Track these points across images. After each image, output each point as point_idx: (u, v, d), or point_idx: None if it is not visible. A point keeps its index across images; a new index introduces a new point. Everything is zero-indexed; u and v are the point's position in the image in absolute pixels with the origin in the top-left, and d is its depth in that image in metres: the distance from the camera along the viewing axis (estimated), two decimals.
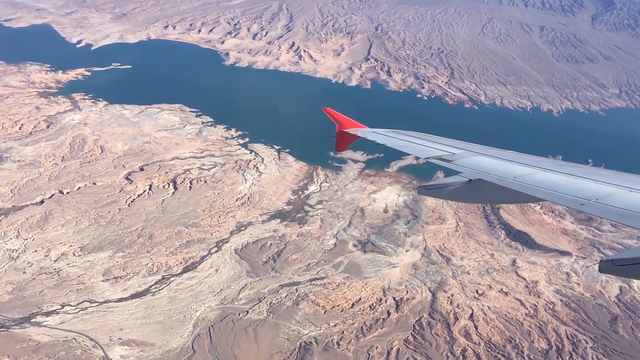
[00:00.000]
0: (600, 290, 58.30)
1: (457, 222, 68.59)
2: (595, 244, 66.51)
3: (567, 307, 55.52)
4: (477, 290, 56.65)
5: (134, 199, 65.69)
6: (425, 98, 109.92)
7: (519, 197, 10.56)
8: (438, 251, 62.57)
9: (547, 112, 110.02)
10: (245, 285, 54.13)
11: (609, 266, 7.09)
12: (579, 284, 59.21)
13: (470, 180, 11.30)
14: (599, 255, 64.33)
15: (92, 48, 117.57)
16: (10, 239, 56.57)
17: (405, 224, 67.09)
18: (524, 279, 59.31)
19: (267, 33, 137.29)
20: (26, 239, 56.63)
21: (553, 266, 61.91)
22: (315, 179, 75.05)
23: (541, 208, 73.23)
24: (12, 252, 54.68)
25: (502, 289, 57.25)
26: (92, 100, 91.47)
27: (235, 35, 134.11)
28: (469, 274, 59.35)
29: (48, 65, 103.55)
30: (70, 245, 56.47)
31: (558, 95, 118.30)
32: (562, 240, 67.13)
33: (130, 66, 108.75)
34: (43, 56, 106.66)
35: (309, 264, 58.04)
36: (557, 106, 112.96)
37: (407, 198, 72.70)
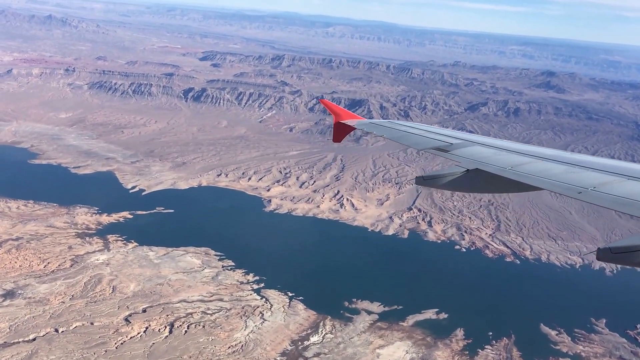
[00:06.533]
0: None
1: None
2: None
3: None
4: None
5: (124, 342, 64.14)
6: (464, 250, 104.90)
7: (517, 187, 10.61)
8: None
9: (598, 270, 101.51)
10: None
11: (606, 254, 7.04)
12: None
13: (468, 170, 11.36)
14: None
15: (143, 193, 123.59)
16: None
17: None
18: None
19: (315, 182, 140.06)
20: None
21: None
22: (320, 330, 70.87)
23: None
24: None
25: None
26: (124, 241, 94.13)
27: (283, 183, 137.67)
28: None
29: (96, 208, 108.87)
30: None
31: None
32: None
33: (172, 210, 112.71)
34: (94, 200, 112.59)
35: None
36: (612, 264, 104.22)
37: (416, 356, 66.60)
